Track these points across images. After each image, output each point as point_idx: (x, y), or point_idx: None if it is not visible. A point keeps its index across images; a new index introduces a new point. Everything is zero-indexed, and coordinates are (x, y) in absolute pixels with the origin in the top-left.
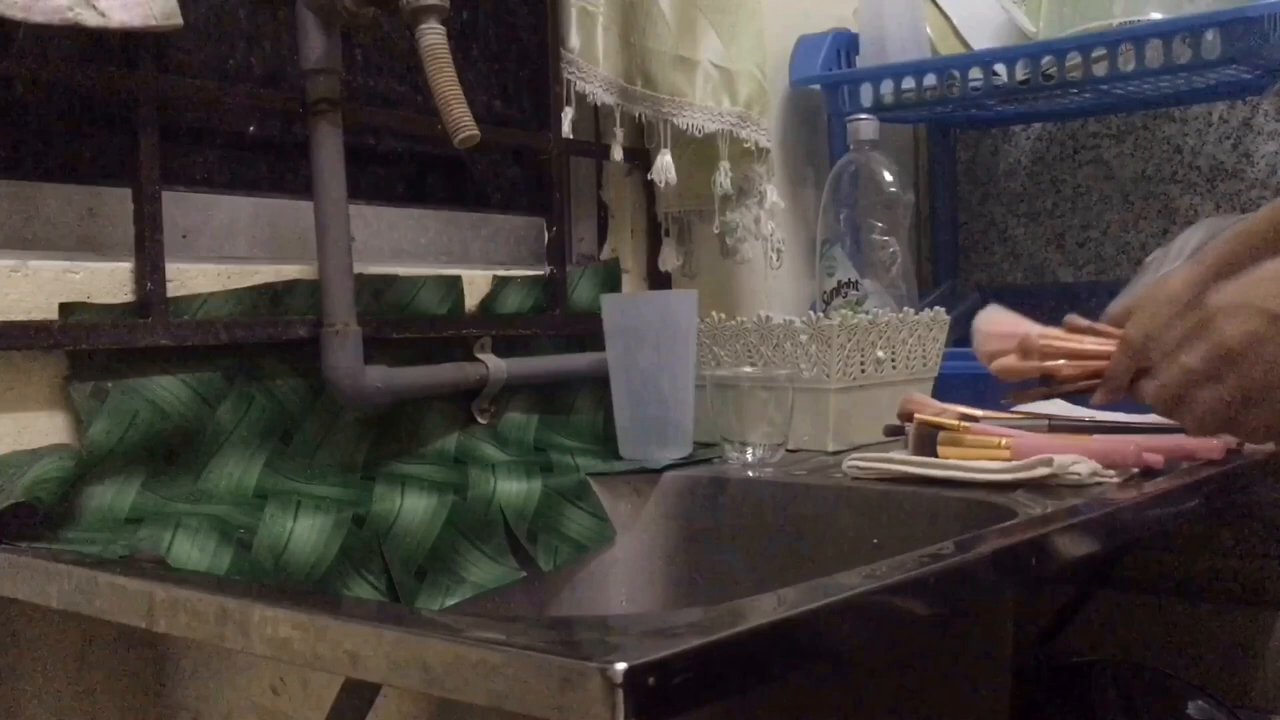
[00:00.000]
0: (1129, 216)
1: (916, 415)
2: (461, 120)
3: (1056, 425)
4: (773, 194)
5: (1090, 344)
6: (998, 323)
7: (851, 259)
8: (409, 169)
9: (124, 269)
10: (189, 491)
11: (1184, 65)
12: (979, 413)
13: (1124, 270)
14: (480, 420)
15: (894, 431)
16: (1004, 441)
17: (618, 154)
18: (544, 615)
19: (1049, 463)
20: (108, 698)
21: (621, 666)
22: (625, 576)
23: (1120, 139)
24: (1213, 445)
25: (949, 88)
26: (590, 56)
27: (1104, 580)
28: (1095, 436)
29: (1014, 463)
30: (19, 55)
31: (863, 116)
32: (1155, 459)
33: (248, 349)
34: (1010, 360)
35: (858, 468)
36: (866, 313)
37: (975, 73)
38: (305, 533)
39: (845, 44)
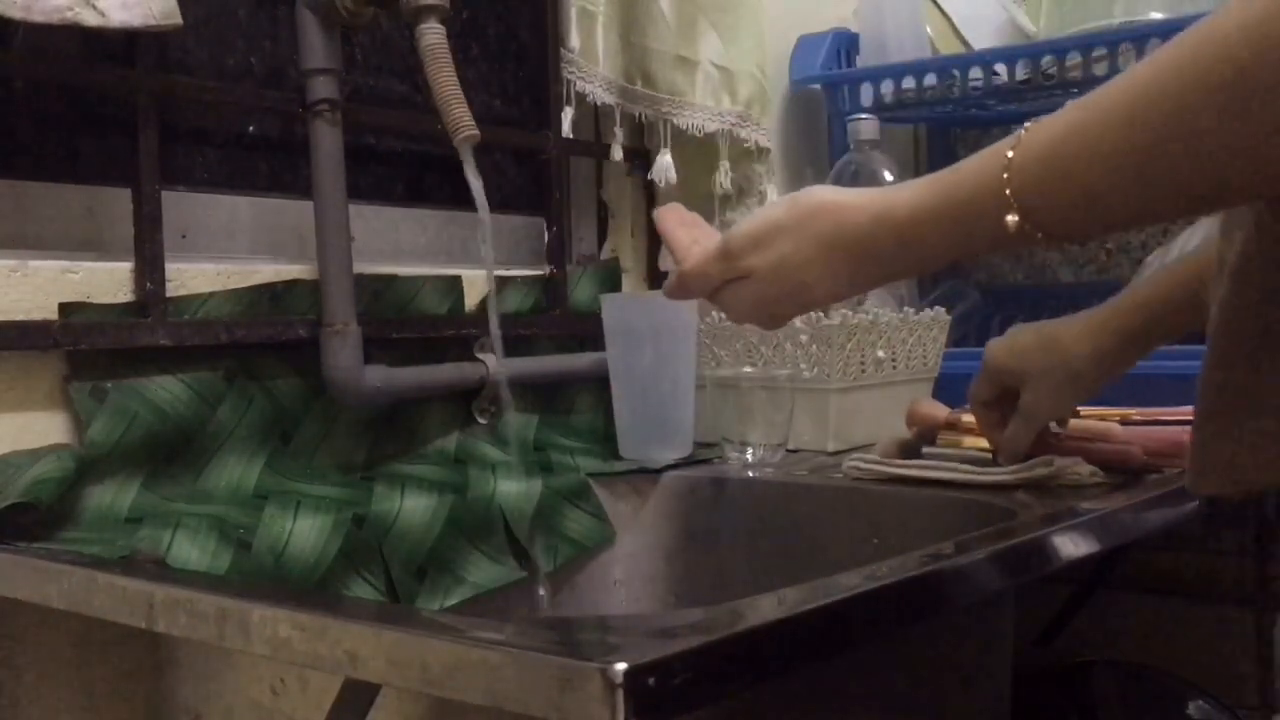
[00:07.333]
0: None
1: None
2: (461, 120)
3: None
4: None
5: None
6: None
7: None
8: (409, 169)
9: (124, 269)
10: (189, 491)
11: None
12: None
13: (1124, 270)
14: (480, 420)
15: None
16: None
17: (618, 154)
18: (544, 615)
19: (1049, 463)
20: (107, 697)
21: (621, 667)
22: (625, 576)
23: None
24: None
25: (949, 88)
26: (590, 56)
27: (1104, 580)
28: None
29: (1014, 465)
30: (19, 55)
31: (863, 116)
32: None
33: (248, 349)
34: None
35: (858, 468)
36: (867, 313)
37: (975, 73)
38: (305, 533)
39: (845, 44)
